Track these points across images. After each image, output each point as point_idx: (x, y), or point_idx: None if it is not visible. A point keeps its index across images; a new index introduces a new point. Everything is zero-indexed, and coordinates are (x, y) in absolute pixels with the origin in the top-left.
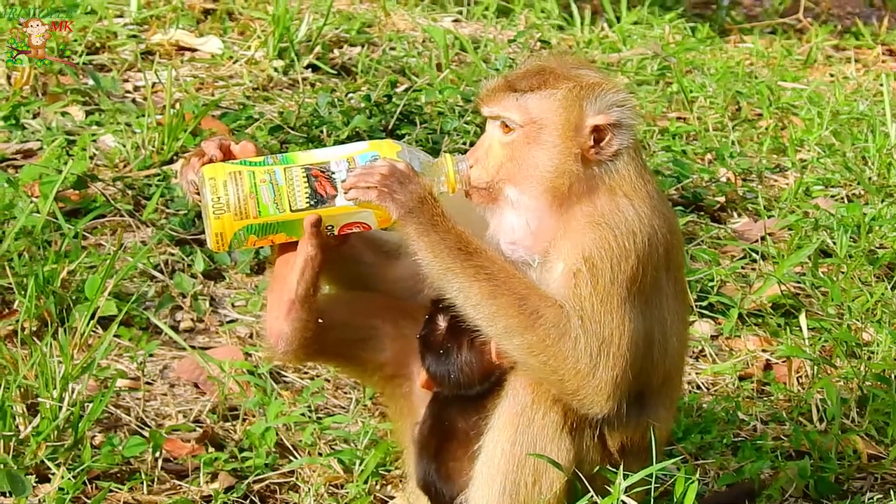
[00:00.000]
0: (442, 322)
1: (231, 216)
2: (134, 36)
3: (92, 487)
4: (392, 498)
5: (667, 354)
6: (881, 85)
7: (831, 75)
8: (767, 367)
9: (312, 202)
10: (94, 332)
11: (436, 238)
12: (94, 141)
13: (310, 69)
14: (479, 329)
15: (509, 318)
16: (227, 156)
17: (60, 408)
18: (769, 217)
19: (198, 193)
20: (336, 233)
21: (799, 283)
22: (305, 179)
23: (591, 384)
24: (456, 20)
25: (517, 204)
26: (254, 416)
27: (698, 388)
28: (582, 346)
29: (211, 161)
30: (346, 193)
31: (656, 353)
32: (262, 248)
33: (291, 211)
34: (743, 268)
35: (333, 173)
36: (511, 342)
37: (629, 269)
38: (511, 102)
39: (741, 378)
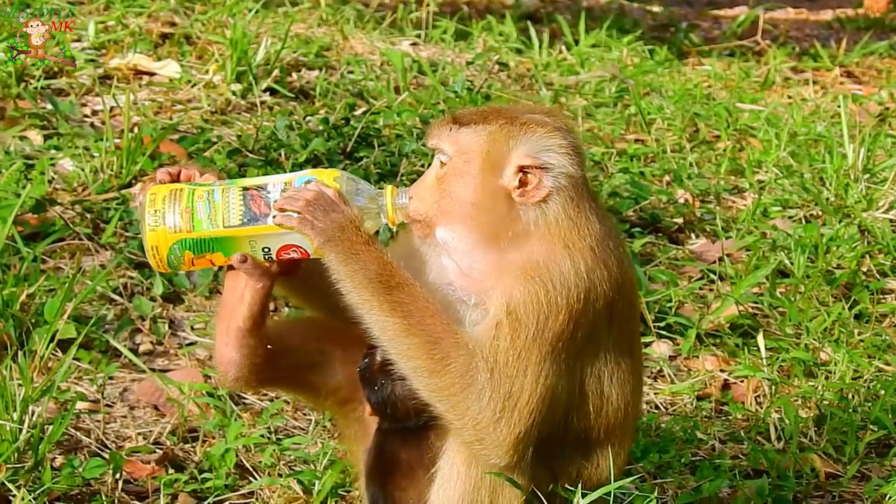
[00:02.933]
0: (378, 356)
1: (165, 229)
2: (92, 60)
3: None
4: None
5: (605, 406)
6: (839, 106)
7: (789, 97)
8: (725, 386)
9: (245, 219)
10: (53, 355)
11: (355, 268)
12: (53, 165)
13: (268, 92)
14: (394, 363)
15: (420, 360)
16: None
17: (20, 430)
18: (727, 238)
19: None
20: (274, 257)
21: (757, 303)
22: (242, 198)
23: (491, 437)
24: (414, 43)
25: (445, 243)
26: (213, 438)
27: (657, 407)
28: (486, 399)
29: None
30: (273, 217)
31: (591, 407)
32: (205, 269)
33: (224, 227)
34: (701, 288)
35: (269, 194)
36: (419, 382)
37: (556, 326)
38: (446, 134)
39: (699, 398)
